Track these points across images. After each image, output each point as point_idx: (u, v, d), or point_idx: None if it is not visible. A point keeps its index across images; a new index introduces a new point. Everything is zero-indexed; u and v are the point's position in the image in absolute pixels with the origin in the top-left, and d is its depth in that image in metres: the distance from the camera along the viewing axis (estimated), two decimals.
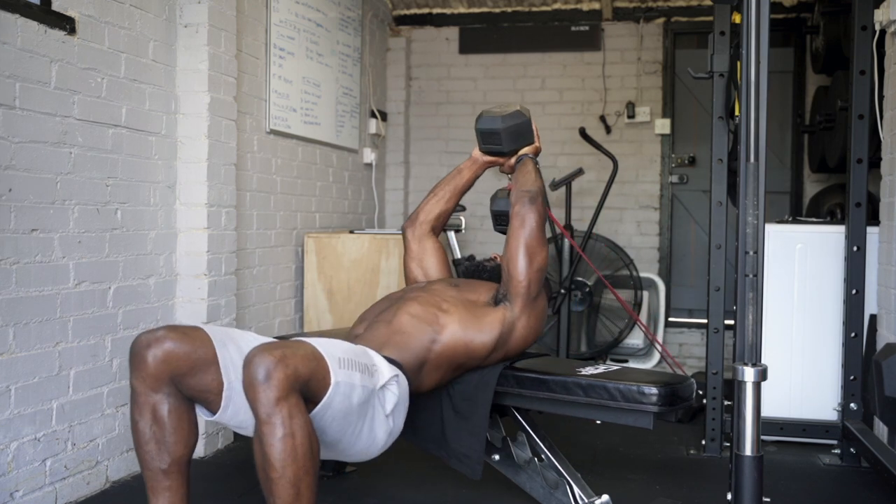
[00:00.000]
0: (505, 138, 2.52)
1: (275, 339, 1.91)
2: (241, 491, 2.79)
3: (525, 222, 2.33)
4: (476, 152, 2.67)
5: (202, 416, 1.98)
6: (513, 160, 2.59)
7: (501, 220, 2.66)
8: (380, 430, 2.00)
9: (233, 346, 1.94)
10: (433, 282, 2.49)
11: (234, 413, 1.93)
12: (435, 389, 2.31)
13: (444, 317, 2.25)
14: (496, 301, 2.37)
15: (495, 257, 2.67)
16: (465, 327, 2.25)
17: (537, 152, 2.60)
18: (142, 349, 1.86)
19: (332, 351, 1.87)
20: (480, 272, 2.62)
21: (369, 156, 5.04)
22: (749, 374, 1.66)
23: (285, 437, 1.66)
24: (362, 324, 2.35)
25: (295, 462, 1.67)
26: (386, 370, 2.02)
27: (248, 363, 1.70)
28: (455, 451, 2.31)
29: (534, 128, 2.59)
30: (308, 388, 1.76)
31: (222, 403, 1.91)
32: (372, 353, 2.07)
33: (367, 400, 1.92)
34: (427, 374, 2.21)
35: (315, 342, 1.87)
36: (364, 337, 2.23)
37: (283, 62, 3.92)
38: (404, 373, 2.11)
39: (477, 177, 2.71)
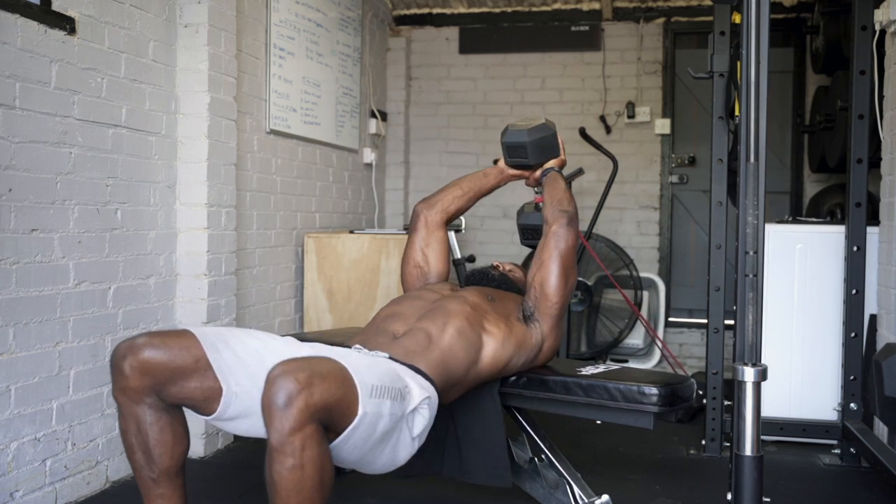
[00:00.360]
0: (531, 152, 2.52)
1: (298, 356, 1.72)
2: (241, 491, 2.79)
3: (561, 242, 2.30)
4: (502, 163, 2.65)
5: (199, 417, 1.93)
6: (538, 173, 2.59)
7: (529, 234, 2.65)
8: (403, 451, 1.93)
9: (228, 352, 1.87)
10: (468, 292, 2.38)
11: (233, 417, 1.88)
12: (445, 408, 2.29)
13: (487, 337, 2.21)
14: (525, 318, 2.33)
15: (498, 266, 2.64)
16: (504, 350, 2.23)
17: (563, 165, 2.60)
18: (119, 360, 1.80)
19: (366, 377, 1.74)
20: (488, 280, 2.56)
21: (369, 156, 5.04)
22: (749, 374, 1.66)
23: (294, 468, 1.58)
24: (397, 321, 2.23)
25: (300, 494, 1.60)
26: (417, 393, 1.92)
27: (271, 382, 1.59)
28: (480, 466, 2.27)
29: (559, 140, 2.58)
30: (331, 417, 1.66)
31: (219, 408, 1.85)
32: (404, 373, 1.97)
33: (394, 426, 1.84)
34: (454, 392, 2.17)
35: (350, 364, 1.74)
36: (402, 343, 2.13)
37: (283, 62, 3.92)
38: (436, 390, 2.03)
39: (499, 186, 2.69)
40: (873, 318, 3.26)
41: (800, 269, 3.43)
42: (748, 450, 1.67)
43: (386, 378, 1.81)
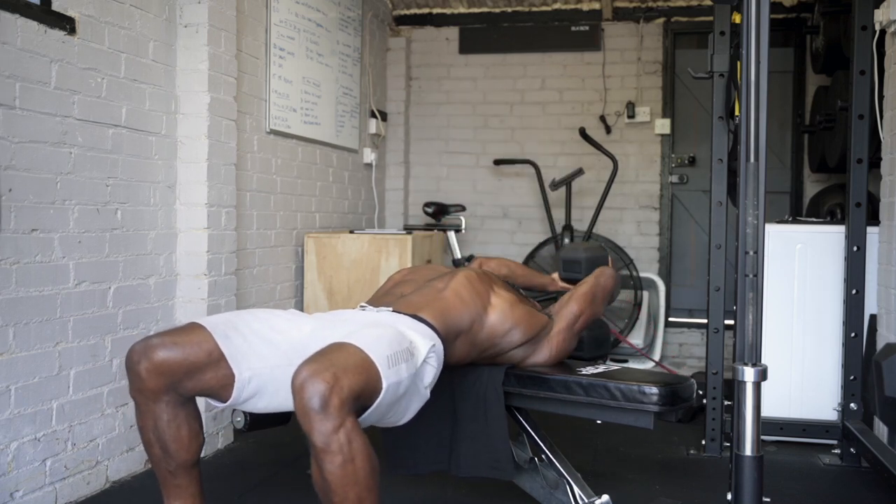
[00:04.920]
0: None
1: (315, 354, 1.75)
2: (241, 491, 2.79)
3: (602, 278, 2.60)
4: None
5: (214, 405, 1.98)
6: None
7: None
8: (416, 402, 1.97)
9: (238, 337, 1.93)
10: (485, 270, 2.53)
11: (249, 398, 1.94)
12: (441, 401, 2.31)
13: (495, 297, 2.29)
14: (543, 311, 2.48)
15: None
16: (513, 312, 2.30)
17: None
18: (134, 364, 1.86)
19: (381, 350, 1.79)
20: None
21: (369, 156, 5.04)
22: (749, 374, 1.66)
23: (345, 463, 1.63)
24: (407, 285, 2.33)
25: (357, 485, 1.65)
26: (422, 344, 1.95)
27: (300, 389, 1.63)
28: (482, 459, 2.29)
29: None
30: (360, 400, 1.71)
31: (234, 394, 1.91)
32: (404, 326, 2.00)
33: (411, 384, 1.89)
34: (459, 347, 2.19)
35: (363, 343, 1.78)
36: (409, 298, 2.19)
37: (283, 62, 3.92)
38: (440, 337, 2.07)
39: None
40: (873, 318, 3.26)
41: (800, 269, 3.43)
42: (748, 450, 1.67)
43: (394, 343, 1.86)
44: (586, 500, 2.30)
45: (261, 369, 1.92)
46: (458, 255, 4.77)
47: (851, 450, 3.18)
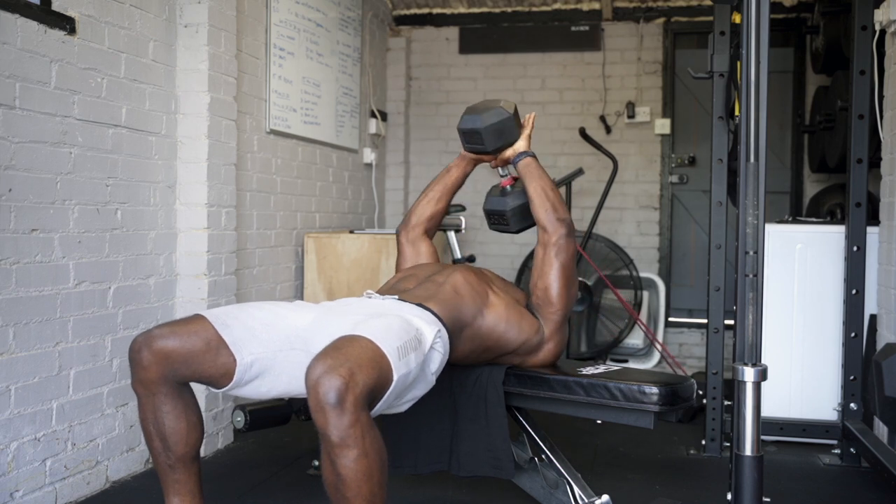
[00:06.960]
0: (487, 138, 2.46)
1: (328, 348, 1.73)
2: (241, 491, 2.79)
3: (562, 253, 2.39)
4: (463, 152, 2.63)
5: (216, 390, 1.99)
6: (507, 154, 2.54)
7: (494, 219, 2.61)
8: (419, 390, 1.98)
9: (238, 326, 1.95)
10: (481, 269, 2.50)
11: (251, 380, 1.96)
12: (442, 402, 2.31)
13: (493, 296, 2.30)
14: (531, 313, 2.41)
15: None
16: (508, 316, 2.29)
17: (529, 142, 2.57)
18: (136, 353, 1.90)
19: (391, 341, 1.79)
20: None
21: (369, 156, 5.04)
22: (749, 374, 1.66)
23: (359, 457, 1.64)
24: (409, 281, 2.34)
25: (370, 479, 1.66)
26: (428, 331, 1.96)
27: (316, 385, 1.62)
28: (483, 458, 2.30)
29: (520, 121, 2.54)
30: (372, 394, 1.71)
31: (234, 378, 1.93)
32: (409, 313, 2.01)
33: (419, 372, 1.90)
34: (462, 342, 2.19)
35: (374, 335, 1.78)
36: (413, 293, 2.21)
37: (283, 62, 3.92)
38: (444, 327, 2.08)
39: (467, 174, 2.65)
40: (873, 318, 3.26)
41: (800, 269, 3.43)
42: (748, 450, 1.67)
43: (402, 332, 1.87)
44: (586, 500, 2.30)
45: (262, 353, 1.95)
46: (459, 255, 4.77)
47: (851, 450, 3.18)
